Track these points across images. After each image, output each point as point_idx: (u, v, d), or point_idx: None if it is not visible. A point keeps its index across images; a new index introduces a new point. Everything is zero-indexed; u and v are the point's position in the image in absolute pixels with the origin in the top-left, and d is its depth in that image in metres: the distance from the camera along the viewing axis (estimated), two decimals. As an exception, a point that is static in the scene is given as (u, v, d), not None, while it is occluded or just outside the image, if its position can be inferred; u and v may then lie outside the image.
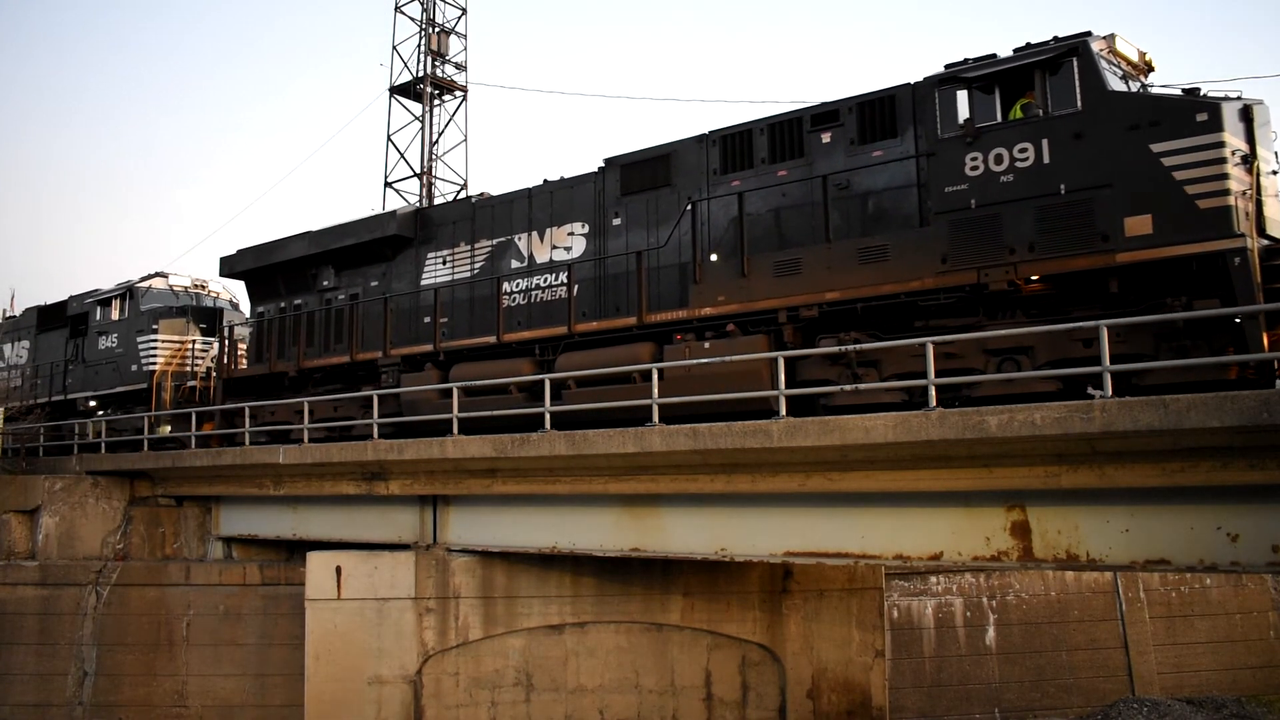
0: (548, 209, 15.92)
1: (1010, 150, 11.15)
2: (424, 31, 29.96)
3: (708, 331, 13.31)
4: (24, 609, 17.62)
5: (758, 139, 13.58)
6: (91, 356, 24.23)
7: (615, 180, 15.16)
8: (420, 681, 14.36)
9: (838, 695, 15.77)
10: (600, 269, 15.06)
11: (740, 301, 13.01)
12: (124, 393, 22.95)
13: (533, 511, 14.27)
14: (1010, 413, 9.30)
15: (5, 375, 27.21)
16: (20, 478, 19.22)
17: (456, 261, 17.00)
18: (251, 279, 20.84)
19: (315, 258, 19.25)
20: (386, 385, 16.92)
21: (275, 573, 17.56)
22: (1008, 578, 19.70)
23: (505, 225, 16.43)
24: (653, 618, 15.19)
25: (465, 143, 30.97)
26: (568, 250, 15.51)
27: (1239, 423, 8.17)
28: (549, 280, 15.59)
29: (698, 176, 14.16)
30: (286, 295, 20.07)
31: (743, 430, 11.03)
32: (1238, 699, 19.10)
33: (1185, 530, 9.50)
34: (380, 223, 18.07)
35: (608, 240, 15.07)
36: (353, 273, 18.77)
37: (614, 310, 14.69)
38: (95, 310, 24.46)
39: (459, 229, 17.13)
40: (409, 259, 17.79)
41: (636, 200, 14.86)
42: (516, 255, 16.17)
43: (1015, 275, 10.93)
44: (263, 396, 19.20)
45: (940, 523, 10.90)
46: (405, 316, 17.38)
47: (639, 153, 15.06)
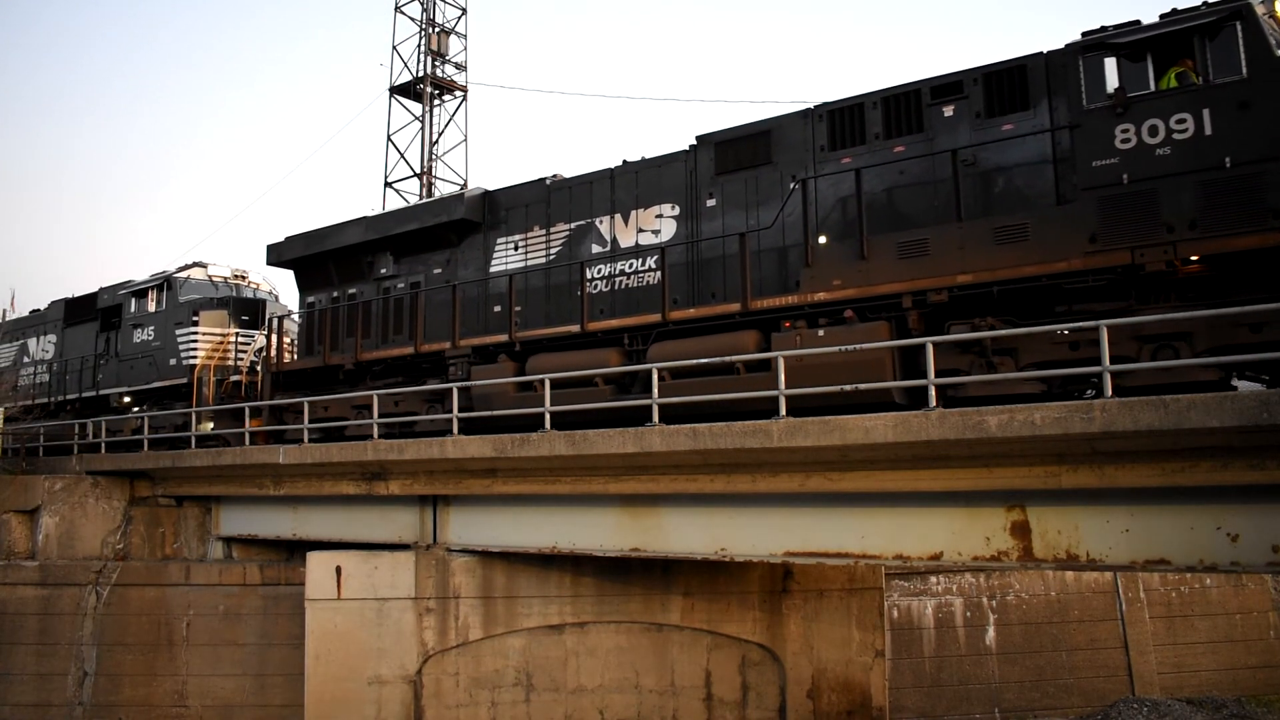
0: (632, 190, 15.10)
1: (1166, 121, 10.38)
2: (424, 31, 29.98)
3: (821, 318, 12.45)
4: (24, 609, 17.62)
5: (870, 113, 12.81)
6: (125, 350, 23.28)
7: (709, 159, 14.37)
8: (420, 681, 14.35)
9: (838, 695, 15.77)
10: (693, 253, 14.28)
11: (859, 285, 12.13)
12: (161, 388, 22.11)
13: (533, 511, 14.26)
14: (1010, 413, 9.30)
15: (31, 371, 26.28)
16: (20, 478, 19.21)
17: (530, 247, 16.14)
18: (301, 267, 19.91)
19: (372, 244, 18.38)
20: (455, 378, 15.97)
21: (275, 573, 17.55)
22: (1008, 578, 19.69)
23: (584, 208, 15.59)
24: (653, 618, 15.18)
25: (465, 143, 31.03)
26: (656, 234, 14.71)
27: (1239, 423, 8.17)
28: (635, 265, 14.81)
29: (802, 154, 13.39)
30: (339, 284, 19.15)
31: (743, 430, 11.02)
32: (1238, 699, 19.11)
33: (1185, 530, 9.50)
34: (446, 206, 17.22)
35: (701, 222, 14.29)
36: (413, 260, 17.90)
37: (709, 297, 13.93)
38: (129, 302, 23.53)
39: (532, 212, 16.27)
40: (476, 244, 16.93)
41: (733, 180, 14.08)
42: (598, 239, 15.34)
43: (1174, 255, 10.09)
44: (314, 391, 18.42)
45: (940, 523, 10.90)
46: (473, 305, 16.55)
47: (735, 129, 14.24)
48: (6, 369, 26.80)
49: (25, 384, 25.97)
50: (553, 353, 14.83)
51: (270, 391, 19.21)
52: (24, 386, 25.89)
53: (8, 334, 27.93)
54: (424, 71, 29.84)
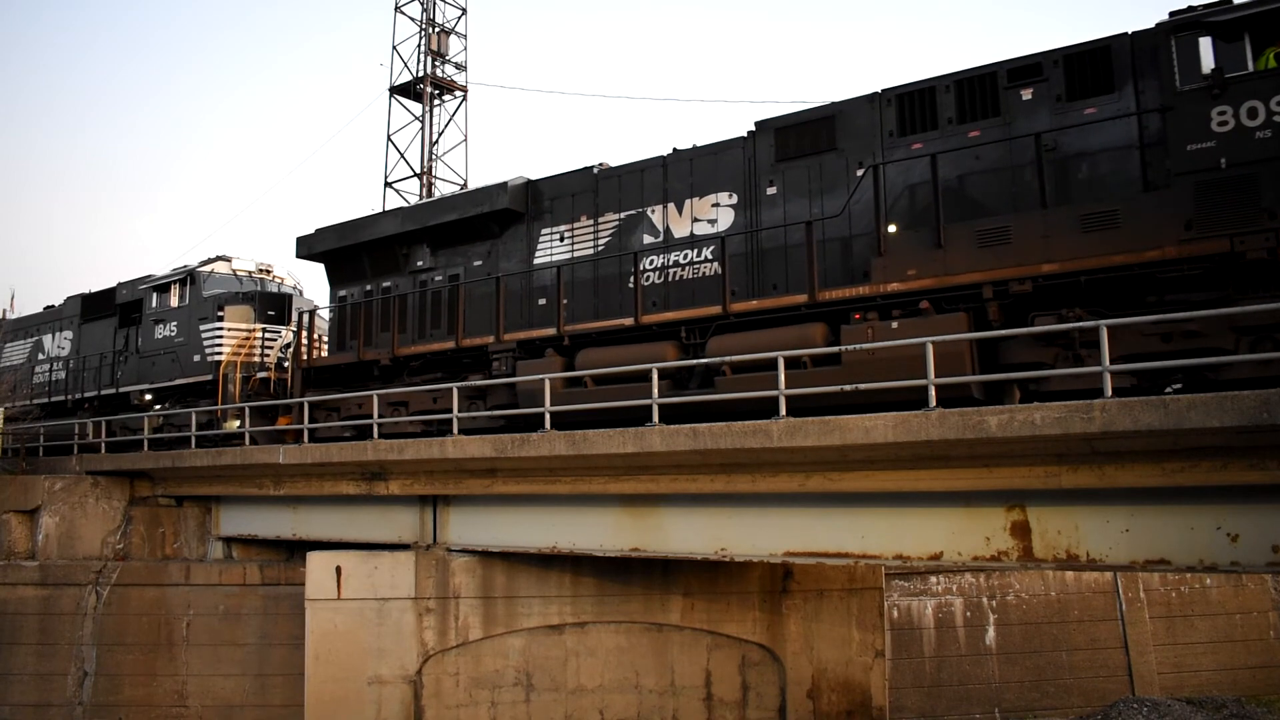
0: (686, 179, 14.59)
1: (1266, 103, 9.97)
2: (424, 31, 29.98)
3: (895, 309, 11.90)
4: (24, 609, 17.62)
5: (942, 97, 12.36)
6: (147, 346, 22.58)
7: (769, 145, 13.83)
8: (420, 681, 14.35)
9: (838, 695, 15.77)
10: (752, 243, 13.73)
11: (935, 275, 11.58)
12: (185, 385, 21.43)
13: (533, 511, 14.26)
14: (1010, 413, 9.30)
15: (47, 368, 25.56)
16: (20, 478, 19.21)
17: (577, 237, 15.57)
18: (332, 260, 19.33)
19: (408, 235, 17.82)
20: (499, 374, 15.54)
21: (275, 573, 17.55)
22: (1008, 578, 19.70)
23: (635, 197, 15.06)
24: (653, 618, 15.18)
25: (465, 143, 31.02)
26: (712, 223, 14.18)
27: (1239, 423, 8.17)
28: (690, 256, 14.27)
29: (869, 139, 12.92)
30: (373, 277, 18.55)
31: (743, 430, 11.02)
32: (1238, 699, 19.10)
33: (1185, 530, 9.50)
34: (488, 196, 16.57)
35: (761, 211, 13.73)
36: (451, 251, 17.38)
37: (770, 288, 13.40)
38: (150, 297, 22.82)
39: (579, 202, 15.71)
40: (519, 235, 16.40)
41: (795, 167, 13.56)
42: (649, 230, 14.83)
43: (1276, 243, 9.70)
44: (347, 387, 17.93)
45: (940, 523, 10.90)
46: (515, 299, 16.00)
47: (796, 115, 13.70)
48: (22, 365, 26.21)
49: (41, 381, 25.37)
50: (603, 347, 14.37)
51: (302, 388, 18.59)
52: (39, 384, 25.30)
53: (21, 330, 27.28)
54: (424, 71, 29.84)
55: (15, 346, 27.19)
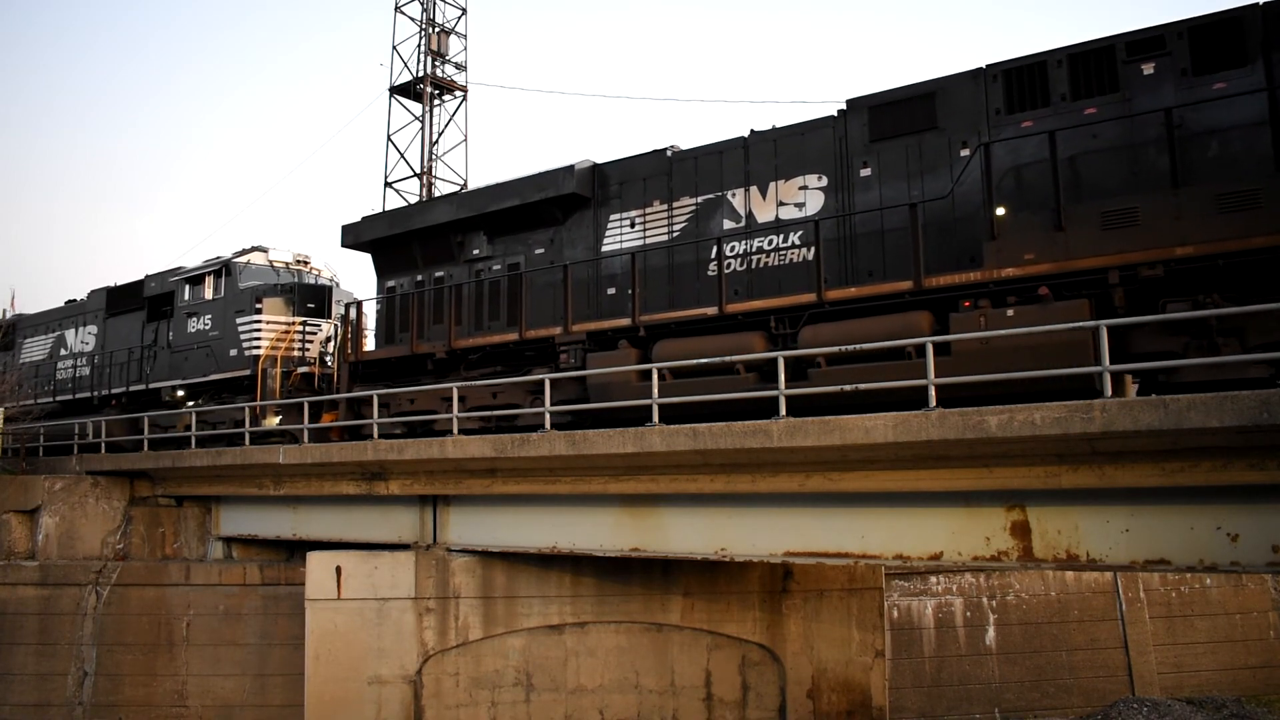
0: (770, 160, 13.90)
1: None
2: (424, 31, 29.98)
3: (1009, 296, 11.25)
4: (24, 609, 17.63)
5: (1054, 72, 11.69)
6: (179, 340, 21.70)
7: (862, 125, 13.18)
8: (420, 681, 14.35)
9: (838, 695, 15.77)
10: (845, 227, 13.08)
11: (1055, 260, 10.92)
12: (220, 381, 20.63)
13: (533, 511, 14.26)
14: (1010, 412, 9.29)
15: (70, 364, 24.74)
16: (20, 478, 19.21)
17: (649, 223, 14.90)
18: (381, 249, 18.61)
19: (463, 223, 17.12)
20: (567, 366, 14.79)
21: (275, 573, 17.55)
22: (1008, 578, 19.70)
23: (713, 180, 14.37)
24: (653, 618, 15.18)
25: (465, 143, 31.00)
26: (799, 207, 13.50)
27: (1239, 423, 8.16)
28: (775, 242, 13.57)
29: (974, 117, 12.27)
30: (424, 267, 17.83)
31: (743, 430, 11.01)
32: (1238, 699, 19.11)
33: (1185, 530, 9.49)
34: (553, 180, 15.83)
35: (854, 194, 13.09)
36: (510, 239, 16.68)
37: (865, 275, 12.77)
38: (182, 289, 21.95)
39: (651, 186, 15.03)
40: (584, 222, 15.71)
41: (892, 147, 12.88)
42: (730, 214, 14.12)
43: None
44: (396, 382, 17.25)
45: (940, 523, 10.89)
46: (582, 288, 15.35)
47: (892, 92, 13.05)
48: (43, 362, 25.61)
49: (64, 377, 24.73)
50: (683, 338, 13.67)
51: (349, 383, 17.85)
52: (62, 380, 24.69)
53: (42, 325, 26.50)
54: (424, 71, 29.83)
55: (35, 342, 26.48)
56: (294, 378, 19.60)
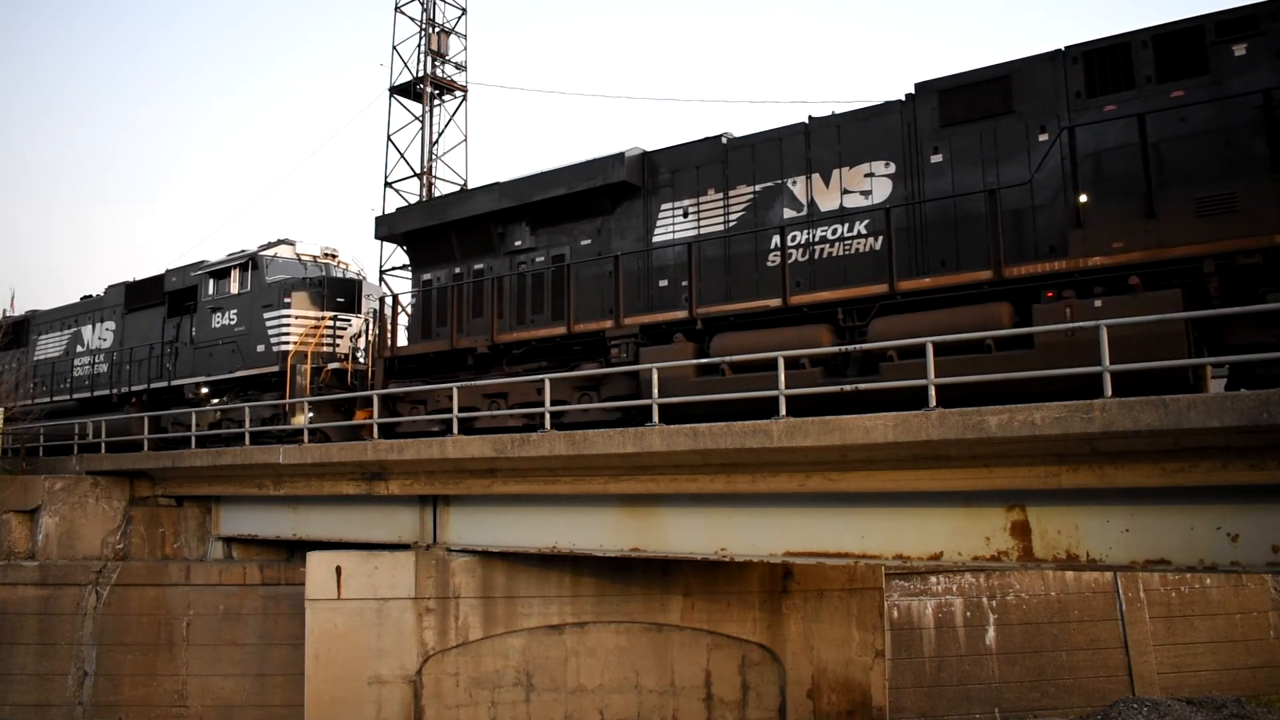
0: (833, 147, 13.40)
1: None
2: (424, 31, 29.98)
3: (1096, 286, 10.82)
4: (24, 609, 17.63)
5: (1139, 53, 11.22)
6: (203, 336, 21.15)
7: (932, 109, 12.66)
8: (420, 681, 14.35)
9: (838, 695, 15.77)
10: (915, 215, 12.56)
11: (1146, 248, 10.51)
12: (247, 378, 20.07)
13: (533, 511, 14.26)
14: (1010, 412, 9.29)
15: (87, 361, 24.16)
16: (20, 478, 19.21)
17: (704, 212, 14.40)
18: (416, 241, 18.06)
19: (504, 213, 16.60)
20: (619, 361, 14.36)
21: (275, 573, 17.56)
22: (1008, 578, 19.70)
23: (772, 168, 13.86)
24: (653, 618, 15.19)
25: (465, 143, 30.98)
26: (865, 195, 12.99)
27: (1239, 423, 8.17)
28: (839, 231, 13.07)
29: (1052, 101, 11.78)
30: (462, 259, 17.30)
31: (743, 430, 11.01)
32: (1238, 699, 19.11)
33: (1185, 530, 9.49)
34: (601, 168, 15.26)
35: (925, 181, 12.59)
36: (554, 230, 16.21)
37: (938, 265, 12.27)
38: (206, 283, 21.41)
39: (705, 174, 14.53)
40: (634, 211, 15.22)
41: (964, 132, 12.38)
42: (791, 203, 13.61)
43: None
44: (434, 378, 16.83)
45: (940, 523, 10.90)
46: (632, 280, 14.89)
47: (964, 75, 12.54)
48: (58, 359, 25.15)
49: (81, 374, 24.23)
50: (743, 331, 13.23)
51: (384, 379, 17.30)
52: (79, 377, 24.22)
53: (58, 321, 25.93)
54: (424, 71, 29.82)
55: (50, 339, 25.96)
56: (325, 374, 19.08)
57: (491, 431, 14.98)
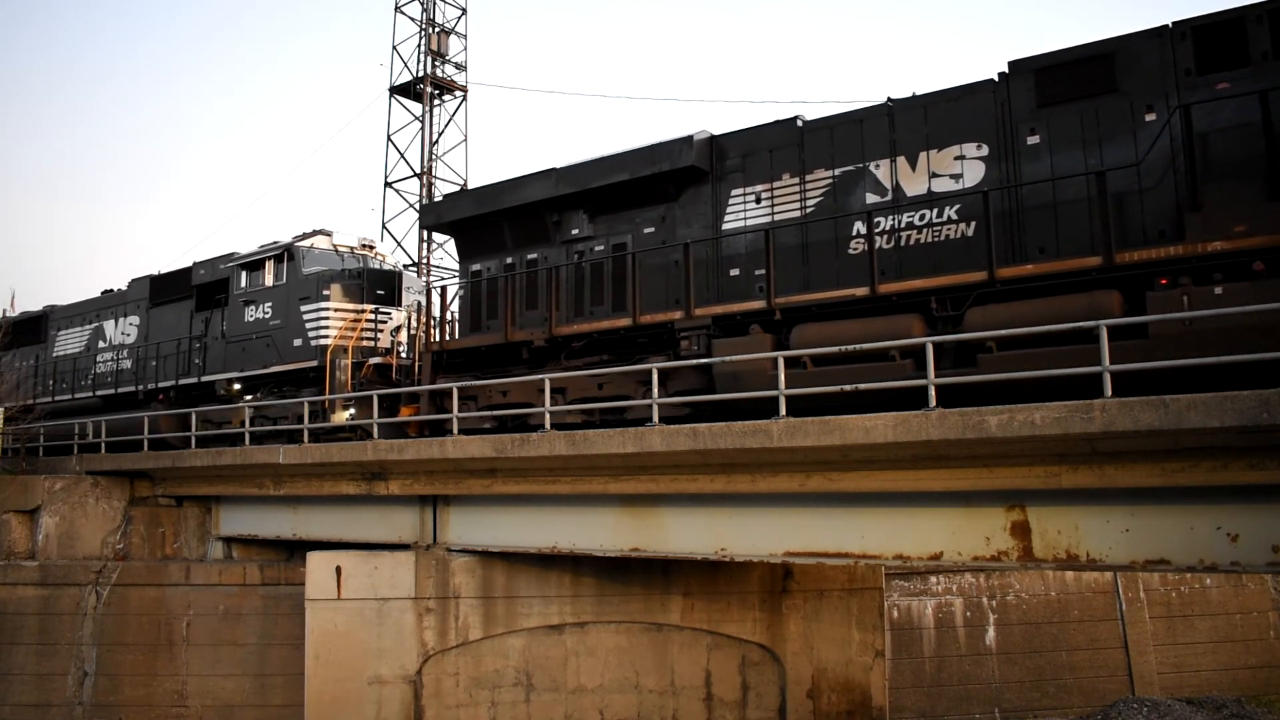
0: (919, 129, 12.80)
1: None
2: (424, 31, 30.01)
3: (1216, 273, 10.26)
4: (24, 609, 17.63)
5: (1254, 29, 10.65)
6: (235, 330, 20.45)
7: (1027, 89, 12.06)
8: (420, 681, 14.35)
9: (838, 695, 15.77)
10: (1011, 199, 11.97)
11: (1273, 232, 9.98)
12: (282, 373, 19.42)
13: (533, 511, 14.26)
14: (1010, 413, 9.29)
15: (110, 356, 23.57)
16: (20, 478, 19.21)
17: (778, 198, 13.76)
18: (465, 230, 17.38)
19: (561, 200, 15.93)
20: (689, 353, 13.78)
21: (275, 573, 17.56)
22: (1008, 578, 19.70)
23: (853, 151, 13.28)
24: (653, 618, 15.19)
25: (465, 143, 31.06)
26: (956, 178, 12.41)
27: (1239, 423, 8.16)
28: (927, 217, 12.51)
29: (1160, 79, 11.20)
30: (514, 248, 16.65)
31: (743, 430, 11.01)
32: (1238, 699, 19.12)
33: (1185, 530, 9.50)
34: (668, 153, 14.62)
35: (1021, 163, 12.02)
36: (614, 217, 15.53)
37: (1036, 252, 11.67)
38: (238, 276, 20.70)
39: (779, 158, 13.89)
40: (701, 197, 14.61)
41: (1063, 112, 11.77)
42: (873, 187, 13.03)
43: None
44: (485, 372, 16.24)
45: (940, 523, 10.90)
46: (700, 269, 14.34)
47: (1062, 53, 11.94)
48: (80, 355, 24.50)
49: (104, 371, 23.61)
50: (826, 322, 12.65)
51: (432, 374, 16.71)
52: (102, 373, 23.63)
53: (78, 316, 25.31)
54: (424, 71, 29.87)
55: (70, 334, 25.36)
56: (367, 370, 18.39)
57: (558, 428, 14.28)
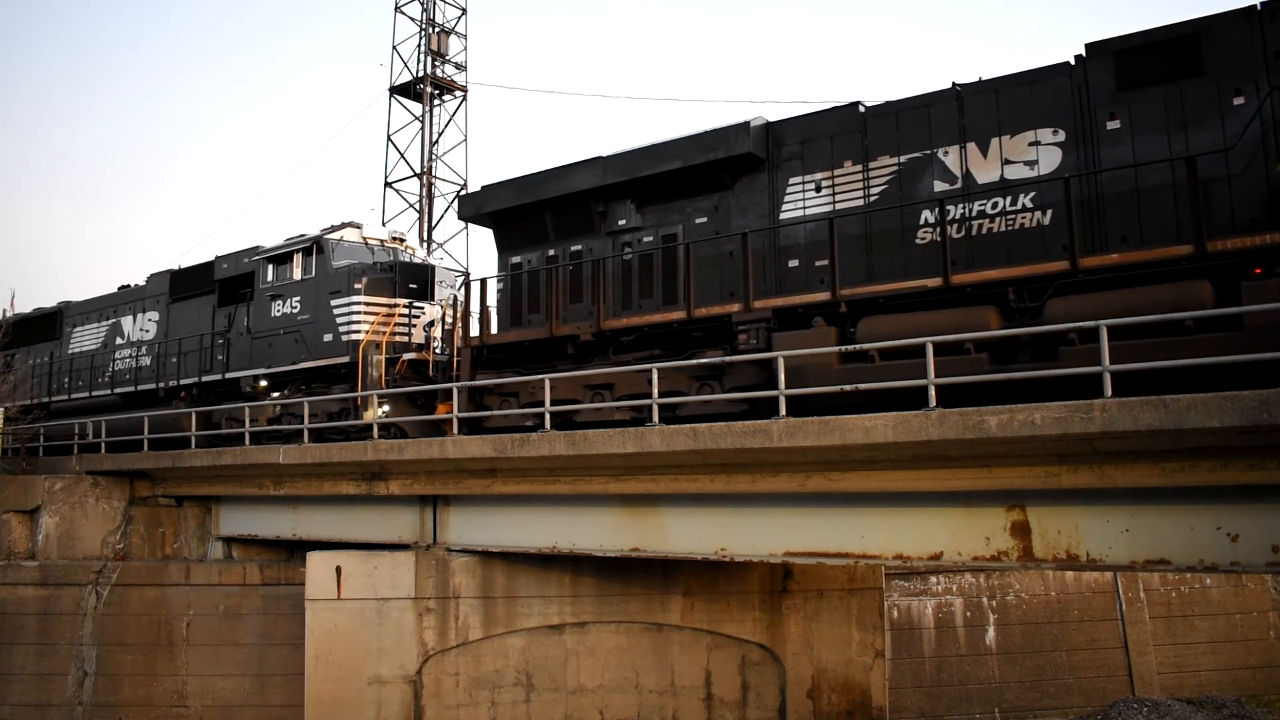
0: (991, 114, 12.37)
1: None
2: (424, 31, 30.01)
3: None
4: (24, 609, 17.63)
5: None
6: (260, 326, 19.92)
7: (1106, 71, 11.60)
8: (420, 681, 14.35)
9: (838, 695, 15.77)
10: (1091, 187, 11.51)
11: None
12: (311, 369, 18.90)
13: (533, 511, 14.26)
14: (1010, 413, 9.29)
15: (129, 353, 23.09)
16: (20, 478, 19.22)
17: (840, 186, 13.37)
18: (505, 221, 16.86)
19: (607, 190, 15.42)
20: (747, 347, 13.27)
21: (275, 573, 17.56)
22: (1008, 578, 19.71)
23: (919, 137, 12.84)
24: (653, 618, 15.19)
25: (465, 143, 31.05)
26: (1030, 165, 12.00)
27: (1239, 423, 8.16)
28: (1000, 205, 12.11)
29: (1249, 62, 10.74)
30: (558, 239, 16.16)
31: (743, 430, 11.01)
32: (1238, 699, 19.12)
33: (1185, 530, 9.50)
34: (722, 140, 14.14)
35: (1101, 149, 11.55)
36: (664, 207, 15.06)
37: (1118, 241, 11.20)
38: (264, 269, 20.13)
39: (841, 145, 13.46)
40: (756, 186, 14.15)
41: (1146, 96, 11.30)
42: (942, 174, 12.60)
43: None
44: (525, 368, 15.78)
45: (940, 523, 10.90)
46: (756, 260, 13.84)
47: (1143, 35, 11.52)
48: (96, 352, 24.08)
49: (122, 368, 23.16)
50: (895, 314, 12.22)
51: (471, 370, 16.22)
52: (120, 370, 23.17)
53: (94, 313, 24.84)
54: (424, 71, 29.87)
55: (86, 331, 24.87)
56: (401, 366, 17.86)
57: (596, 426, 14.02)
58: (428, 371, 18.07)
